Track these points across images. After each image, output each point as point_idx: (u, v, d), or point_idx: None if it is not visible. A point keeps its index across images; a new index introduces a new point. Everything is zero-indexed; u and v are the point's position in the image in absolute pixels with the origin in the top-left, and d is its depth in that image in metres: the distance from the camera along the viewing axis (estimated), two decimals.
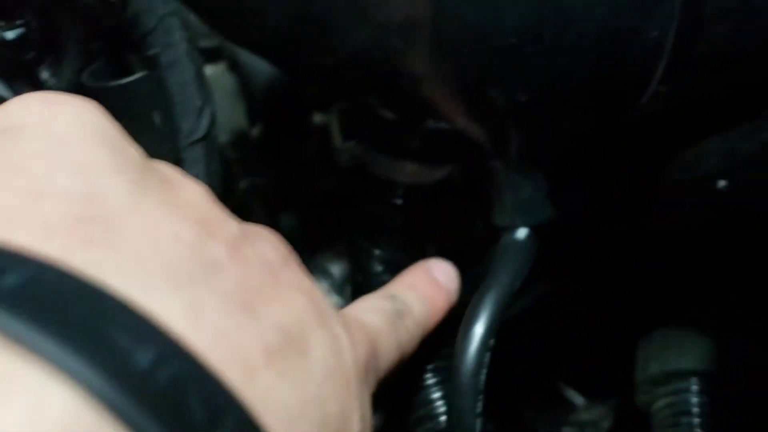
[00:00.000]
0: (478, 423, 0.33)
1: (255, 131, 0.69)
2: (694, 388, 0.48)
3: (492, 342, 0.33)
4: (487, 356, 0.33)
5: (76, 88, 0.38)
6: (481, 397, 0.33)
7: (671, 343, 0.50)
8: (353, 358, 0.29)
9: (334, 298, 0.59)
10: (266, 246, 0.29)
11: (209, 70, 0.69)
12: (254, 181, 0.61)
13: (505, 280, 0.35)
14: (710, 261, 0.46)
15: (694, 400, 0.48)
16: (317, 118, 0.74)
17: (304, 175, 0.74)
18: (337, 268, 0.59)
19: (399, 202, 0.45)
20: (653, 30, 0.31)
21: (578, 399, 0.78)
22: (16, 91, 0.39)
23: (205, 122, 0.39)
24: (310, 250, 0.62)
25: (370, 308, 0.35)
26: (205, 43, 0.70)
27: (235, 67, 0.69)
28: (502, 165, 0.37)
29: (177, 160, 0.38)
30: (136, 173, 0.25)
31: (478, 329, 0.33)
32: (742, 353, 0.48)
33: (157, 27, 0.37)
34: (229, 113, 0.67)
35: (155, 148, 0.38)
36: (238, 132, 0.67)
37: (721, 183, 0.37)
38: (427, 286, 0.39)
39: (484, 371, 0.33)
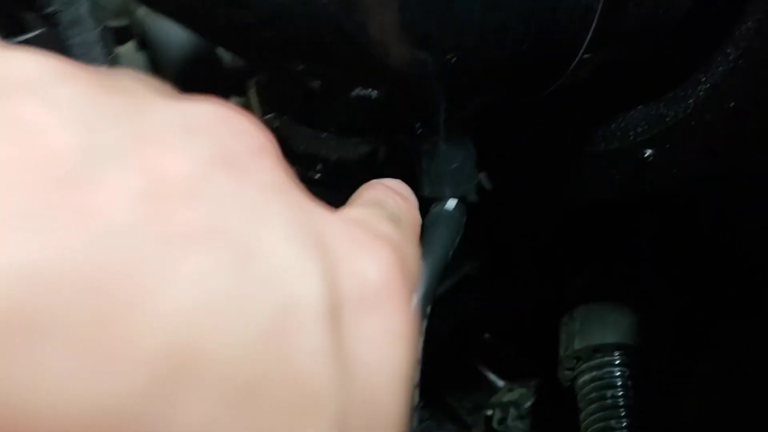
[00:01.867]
0: (416, 393, 0.32)
1: None
2: (618, 361, 0.48)
3: (428, 310, 0.32)
4: (424, 323, 0.32)
5: None
6: (419, 366, 0.32)
7: (593, 318, 0.50)
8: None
9: None
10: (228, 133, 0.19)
11: (119, 48, 0.65)
12: None
13: (437, 249, 0.33)
14: (636, 232, 0.47)
15: (618, 372, 0.48)
16: (234, 101, 0.71)
17: None
18: None
19: (321, 177, 0.44)
20: None
21: (500, 383, 0.78)
22: None
23: None
24: None
25: (368, 213, 0.26)
26: (114, 22, 0.66)
27: (145, 46, 0.65)
28: (430, 134, 0.36)
29: None
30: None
31: (414, 298, 0.31)
32: (661, 326, 0.49)
33: None
34: None
35: None
36: None
37: (648, 152, 0.37)
38: (399, 196, 0.30)
39: (422, 339, 0.31)
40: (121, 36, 0.68)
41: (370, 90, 0.36)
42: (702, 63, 0.34)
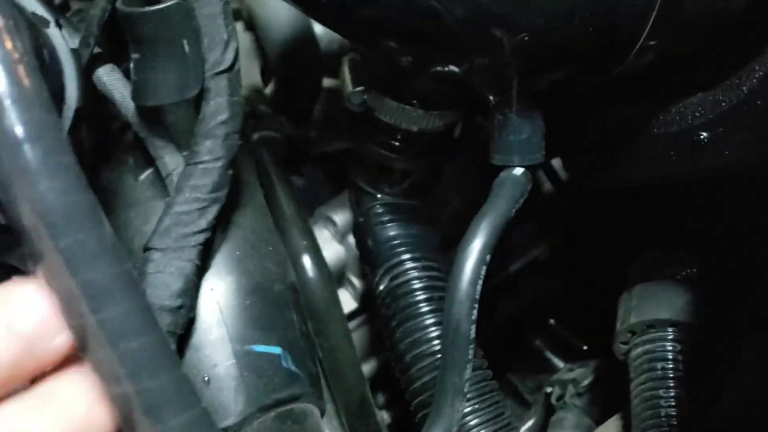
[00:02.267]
0: (473, 330, 0.36)
1: (268, 89, 0.72)
2: (670, 336, 0.51)
3: (488, 258, 0.36)
4: (483, 270, 0.36)
5: (111, 13, 0.41)
6: (476, 306, 0.36)
7: (650, 295, 0.53)
8: None
9: (336, 247, 0.62)
10: None
11: None
12: (265, 135, 0.64)
13: (501, 206, 0.38)
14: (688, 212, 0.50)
15: (670, 347, 0.51)
16: (327, 82, 0.77)
17: (312, 135, 0.77)
18: (340, 217, 0.62)
19: (402, 146, 0.49)
20: None
21: (562, 365, 0.81)
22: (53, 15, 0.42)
23: (230, 55, 0.42)
24: (314, 201, 0.65)
25: None
26: None
27: (251, 27, 0.72)
28: (502, 106, 0.40)
29: (202, 90, 0.41)
30: None
31: (477, 244, 0.36)
32: (715, 306, 0.51)
33: None
34: (244, 70, 0.70)
35: (182, 75, 0.41)
36: (252, 88, 0.70)
37: (703, 135, 0.40)
38: None
39: (480, 282, 0.36)
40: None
41: (451, 66, 0.41)
42: (757, 53, 0.37)
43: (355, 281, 0.64)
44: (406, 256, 0.48)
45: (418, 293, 0.46)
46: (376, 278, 0.49)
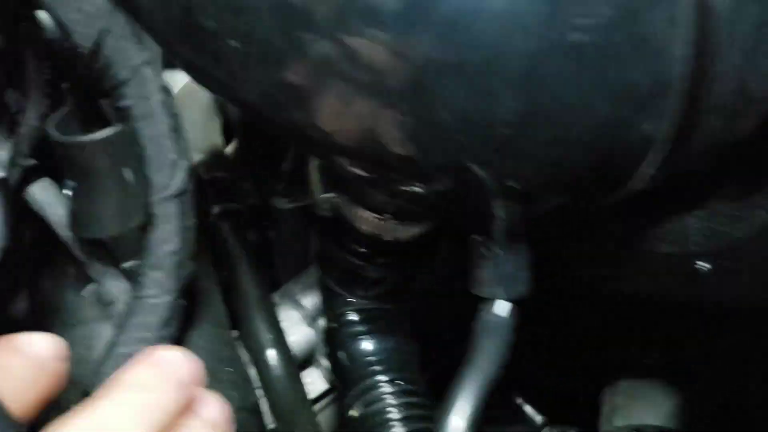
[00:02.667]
0: None
1: (230, 148, 0.68)
2: None
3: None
4: None
5: (40, 137, 0.36)
6: None
7: (637, 396, 0.51)
8: None
9: (305, 330, 0.58)
10: None
11: (185, 82, 0.67)
12: (227, 206, 0.60)
13: (485, 365, 0.34)
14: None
15: None
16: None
17: (280, 190, 0.72)
18: (309, 300, 0.57)
19: (374, 254, 0.45)
20: (646, 124, 0.30)
21: (538, 418, 0.79)
22: None
23: (179, 177, 0.37)
24: (282, 279, 0.61)
25: None
26: None
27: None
28: (484, 239, 0.36)
29: (148, 216, 0.37)
30: None
31: (458, 423, 0.32)
32: (705, 412, 0.49)
33: (131, 79, 0.35)
34: (203, 129, 0.65)
35: (125, 204, 0.37)
36: (212, 150, 0.65)
37: (705, 266, 0.37)
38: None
39: None
40: None
41: (423, 187, 0.37)
42: (761, 189, 0.34)
43: (326, 362, 0.60)
44: (381, 377, 0.44)
45: (393, 426, 0.43)
46: (348, 399, 0.45)
